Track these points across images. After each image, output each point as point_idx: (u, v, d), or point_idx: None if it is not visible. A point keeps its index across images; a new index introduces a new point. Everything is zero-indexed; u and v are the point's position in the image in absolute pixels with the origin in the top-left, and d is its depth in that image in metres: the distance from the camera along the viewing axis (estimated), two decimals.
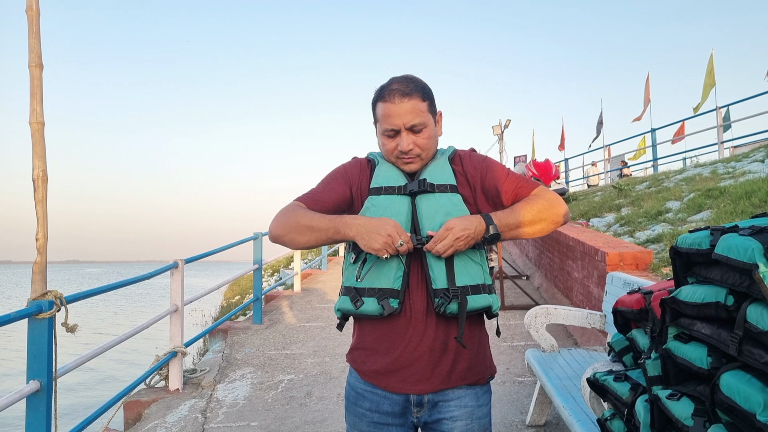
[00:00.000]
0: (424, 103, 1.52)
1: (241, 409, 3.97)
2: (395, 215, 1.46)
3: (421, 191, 1.49)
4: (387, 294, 1.43)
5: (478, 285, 1.45)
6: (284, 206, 1.59)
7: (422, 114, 1.51)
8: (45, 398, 2.53)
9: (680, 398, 1.27)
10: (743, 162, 9.45)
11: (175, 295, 4.51)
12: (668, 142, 15.71)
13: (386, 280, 1.44)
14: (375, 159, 1.62)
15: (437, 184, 1.51)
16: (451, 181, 1.53)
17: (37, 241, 2.69)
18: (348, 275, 1.52)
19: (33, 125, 2.73)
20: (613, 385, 1.68)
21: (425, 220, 1.46)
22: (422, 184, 1.49)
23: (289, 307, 7.69)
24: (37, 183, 2.71)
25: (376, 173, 1.57)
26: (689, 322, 1.29)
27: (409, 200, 1.50)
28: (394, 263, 1.44)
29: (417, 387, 1.46)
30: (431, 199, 1.49)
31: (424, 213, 1.47)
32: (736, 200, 6.19)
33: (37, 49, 2.77)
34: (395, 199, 1.50)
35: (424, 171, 1.54)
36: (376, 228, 1.38)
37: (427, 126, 1.52)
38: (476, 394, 1.50)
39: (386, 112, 1.50)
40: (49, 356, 2.57)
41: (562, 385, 2.82)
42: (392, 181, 1.53)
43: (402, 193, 1.51)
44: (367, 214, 1.48)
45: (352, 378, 1.58)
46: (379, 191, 1.53)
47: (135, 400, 4.17)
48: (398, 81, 1.52)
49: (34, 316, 2.53)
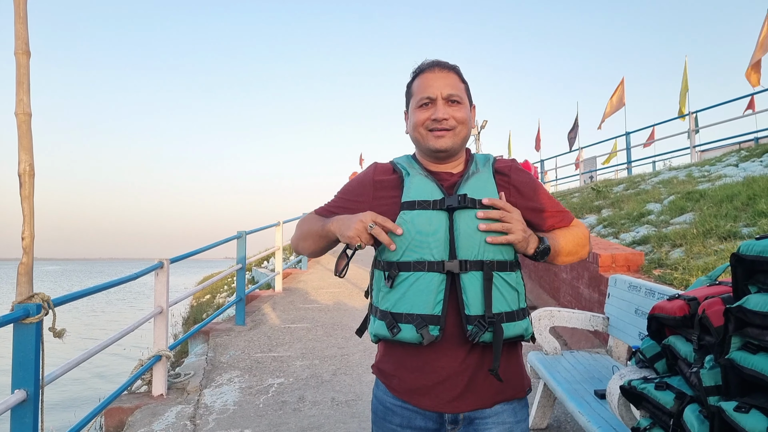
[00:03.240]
0: (462, 84, 1.48)
1: (231, 415, 3.82)
2: (431, 233, 1.35)
3: (460, 207, 1.37)
4: (426, 321, 1.32)
5: (513, 312, 1.36)
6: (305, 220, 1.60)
7: (460, 89, 1.46)
8: (32, 408, 2.36)
9: (749, 411, 1.21)
10: (717, 166, 9.64)
11: (160, 297, 4.33)
12: (640, 146, 15.98)
13: (425, 304, 1.33)
14: (403, 169, 1.49)
15: (479, 199, 1.38)
16: (493, 195, 1.41)
17: (23, 240, 2.51)
18: (382, 296, 1.41)
19: (19, 116, 2.55)
20: (655, 394, 1.62)
21: (463, 239, 1.35)
22: (462, 200, 1.36)
23: (271, 307, 7.53)
24: (24, 178, 2.54)
25: (407, 185, 1.44)
26: (759, 332, 1.24)
27: (446, 216, 1.37)
28: (434, 285, 1.33)
29: (451, 405, 1.37)
30: (471, 215, 1.37)
31: (462, 231, 1.36)
32: (718, 203, 6.28)
33: (24, 36, 2.59)
34: (431, 215, 1.37)
35: (465, 184, 1.42)
36: (353, 217, 1.37)
37: (464, 104, 1.46)
38: (514, 409, 1.42)
39: (423, 83, 1.46)
40: (37, 363, 2.40)
41: (573, 389, 2.77)
42: (426, 194, 1.40)
43: (438, 208, 1.38)
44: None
45: (380, 392, 1.48)
46: (412, 206, 1.39)
47: (116, 407, 3.98)
48: (437, 60, 1.50)
49: (20, 321, 2.36)
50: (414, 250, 1.35)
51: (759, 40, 12.00)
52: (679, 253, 5.02)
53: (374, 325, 1.42)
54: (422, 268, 1.34)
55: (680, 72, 14.08)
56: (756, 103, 14.36)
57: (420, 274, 1.34)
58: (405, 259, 1.36)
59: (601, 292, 4.80)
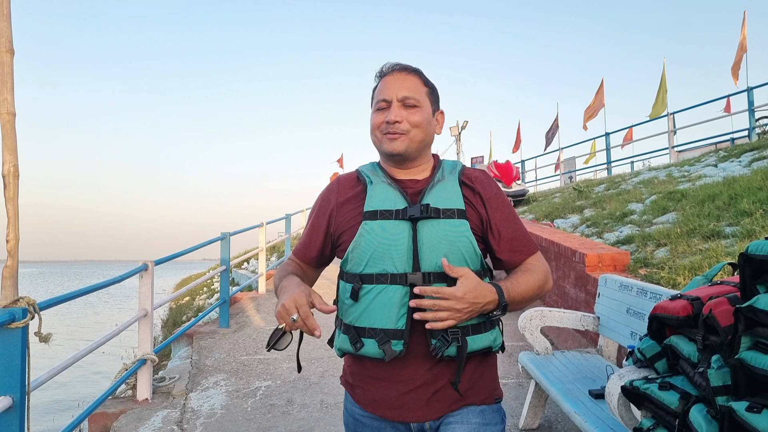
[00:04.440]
0: (423, 87, 1.43)
1: (219, 419, 3.76)
2: (393, 244, 1.31)
3: (424, 217, 1.32)
4: (389, 335, 1.28)
5: (480, 323, 1.31)
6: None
7: (418, 92, 1.41)
8: (18, 416, 2.29)
9: (761, 411, 1.21)
10: (697, 166, 9.80)
11: (145, 299, 4.25)
12: (618, 146, 16.21)
13: (388, 318, 1.29)
14: (367, 177, 1.45)
15: (443, 208, 1.34)
16: (458, 205, 1.36)
17: (8, 242, 2.43)
18: (345, 309, 1.37)
19: (3, 116, 2.47)
20: (658, 394, 1.62)
21: (426, 250, 1.30)
22: (425, 209, 1.31)
23: (255, 309, 7.46)
24: (8, 179, 2.46)
25: (370, 194, 1.40)
26: None
27: (409, 226, 1.32)
28: (396, 298, 1.28)
29: (416, 414, 1.34)
30: (434, 225, 1.32)
31: (426, 241, 1.31)
32: (700, 203, 6.37)
33: (8, 33, 2.51)
34: (393, 225, 1.33)
35: (429, 193, 1.37)
36: (284, 294, 1.28)
37: (422, 108, 1.40)
38: (482, 411, 1.37)
39: (382, 86, 1.42)
40: (23, 369, 2.32)
41: (567, 390, 2.78)
42: (389, 203, 1.36)
43: (401, 218, 1.33)
44: (361, 242, 1.34)
45: (349, 403, 1.46)
46: (374, 215, 1.35)
47: (101, 411, 3.89)
48: (398, 62, 1.46)
49: (5, 326, 2.28)
50: (376, 262, 1.32)
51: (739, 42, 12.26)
52: (664, 252, 5.08)
53: (338, 339, 1.39)
54: (385, 280, 1.30)
55: (658, 74, 14.30)
56: (732, 105, 14.67)
57: (382, 287, 1.30)
58: (368, 272, 1.32)
59: (588, 292, 4.83)
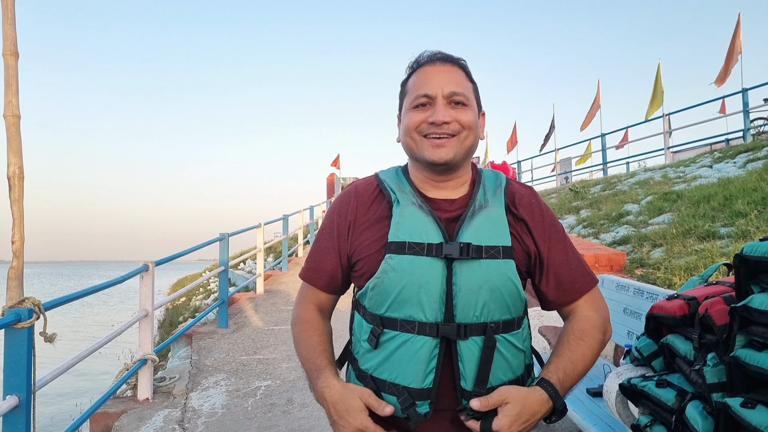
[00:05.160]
0: (469, 83, 1.21)
1: (220, 418, 3.79)
2: (424, 286, 1.10)
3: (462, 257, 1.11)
4: (414, 396, 1.09)
5: (517, 377, 1.15)
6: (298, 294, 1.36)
7: (466, 89, 1.19)
8: (24, 414, 2.32)
9: (756, 406, 1.25)
10: (692, 167, 9.87)
11: (145, 300, 4.27)
12: (612, 147, 16.29)
13: (414, 375, 1.10)
14: (392, 193, 1.20)
15: (485, 245, 1.11)
16: (505, 242, 1.13)
17: (13, 243, 2.47)
18: (362, 352, 1.18)
19: (8, 118, 2.51)
20: (656, 391, 1.66)
21: (463, 297, 1.10)
22: (465, 249, 1.10)
23: (253, 309, 7.48)
24: (13, 181, 2.49)
25: (397, 219, 1.15)
26: (764, 330, 1.28)
27: (443, 265, 1.11)
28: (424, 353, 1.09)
29: None
30: (475, 268, 1.11)
31: (463, 287, 1.10)
32: (695, 204, 6.43)
33: (13, 37, 2.55)
34: (424, 262, 1.11)
35: (469, 224, 1.14)
36: (341, 417, 1.10)
37: (471, 107, 1.18)
38: None
39: (421, 79, 1.18)
40: (29, 368, 2.36)
41: None
42: (420, 234, 1.13)
43: (434, 255, 1.11)
44: (385, 280, 1.12)
45: None
46: (401, 248, 1.12)
47: (102, 411, 3.90)
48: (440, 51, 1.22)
49: (12, 326, 2.31)
50: (402, 305, 1.11)
51: (731, 46, 12.34)
52: (660, 252, 5.14)
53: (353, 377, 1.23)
54: (411, 329, 1.10)
55: (654, 74, 14.39)
56: (727, 106, 14.76)
57: (408, 336, 1.10)
58: (390, 315, 1.13)
59: None
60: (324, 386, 1.13)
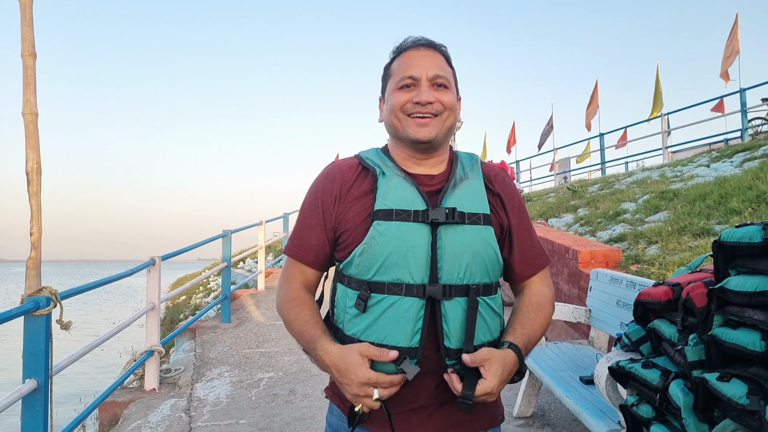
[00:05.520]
0: (450, 68, 1.30)
1: (225, 407, 3.90)
2: (411, 250, 1.16)
3: (446, 222, 1.18)
4: (403, 353, 1.14)
5: (495, 340, 1.22)
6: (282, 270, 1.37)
7: (447, 73, 1.27)
8: (42, 397, 2.43)
9: (730, 380, 1.36)
10: (689, 166, 9.97)
11: (152, 293, 4.39)
12: (612, 147, 16.40)
13: (402, 335, 1.15)
14: (376, 167, 1.27)
15: (468, 212, 1.20)
16: (484, 210, 1.23)
17: (31, 235, 2.57)
18: (348, 318, 1.21)
19: (27, 116, 2.61)
20: (642, 372, 1.77)
21: (448, 259, 1.17)
22: (451, 214, 1.18)
23: (255, 305, 7.59)
24: (31, 176, 2.60)
25: (383, 189, 1.22)
26: (738, 310, 1.39)
27: (428, 231, 1.18)
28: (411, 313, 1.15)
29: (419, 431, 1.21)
30: (458, 232, 1.18)
31: (448, 250, 1.17)
32: (691, 202, 6.54)
33: (30, 38, 2.65)
34: (411, 227, 1.17)
35: (452, 193, 1.22)
36: (344, 377, 1.12)
37: (452, 90, 1.27)
38: None
39: (405, 62, 1.26)
40: (47, 354, 2.47)
41: (559, 377, 2.93)
42: (406, 202, 1.19)
43: (420, 221, 1.18)
44: (373, 245, 1.17)
45: (335, 418, 1.30)
46: (389, 215, 1.18)
47: (110, 401, 4.02)
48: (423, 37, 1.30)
49: (31, 313, 2.42)
50: (389, 269, 1.16)
51: (729, 45, 12.45)
52: (655, 249, 5.24)
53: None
54: (399, 291, 1.15)
55: (652, 74, 14.50)
56: (725, 106, 14.86)
57: (396, 299, 1.15)
58: (378, 279, 1.17)
59: (581, 287, 4.99)
60: (323, 353, 1.17)
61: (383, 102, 1.32)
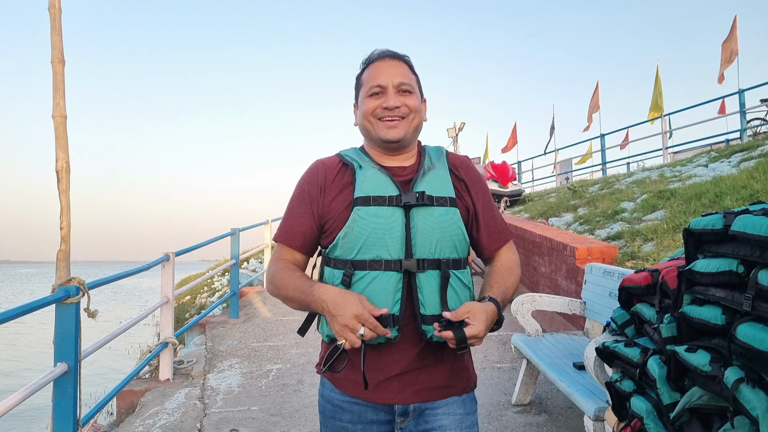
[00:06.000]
0: (413, 75, 1.47)
1: (237, 395, 4.10)
2: (388, 230, 1.33)
3: (417, 204, 1.35)
4: (384, 321, 1.28)
5: None
6: (271, 256, 1.49)
7: (411, 79, 1.44)
8: (72, 379, 2.61)
9: (696, 351, 1.54)
10: (688, 166, 10.13)
11: (166, 287, 4.58)
12: (616, 147, 16.57)
13: (383, 304, 1.30)
14: (354, 161, 1.45)
15: (436, 196, 1.38)
16: (450, 194, 1.41)
17: (61, 229, 2.76)
18: None
19: (56, 119, 2.80)
20: (624, 350, 1.96)
21: (420, 237, 1.34)
22: (421, 197, 1.35)
23: (262, 302, 7.78)
24: (61, 174, 2.79)
25: (361, 179, 1.39)
26: (704, 289, 1.57)
27: (402, 213, 1.35)
28: (391, 285, 1.31)
29: (401, 397, 1.36)
30: (428, 213, 1.36)
31: (420, 228, 1.34)
32: (687, 201, 6.71)
33: (60, 46, 2.84)
34: (386, 211, 1.34)
35: (422, 180, 1.40)
36: (339, 308, 1.25)
37: (415, 94, 1.44)
38: (464, 401, 1.43)
39: (373, 73, 1.43)
40: (76, 339, 2.65)
41: (554, 363, 3.11)
42: (381, 189, 1.37)
43: (394, 204, 1.35)
44: (354, 228, 1.34)
45: (327, 390, 1.44)
46: (367, 201, 1.35)
47: (127, 389, 4.22)
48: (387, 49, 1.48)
49: (62, 301, 2.61)
50: (370, 248, 1.33)
51: (728, 47, 12.61)
52: (651, 246, 5.42)
53: (327, 326, 1.36)
54: (379, 266, 1.32)
55: (653, 75, 14.66)
56: (726, 106, 15.00)
57: (377, 273, 1.31)
58: (360, 258, 1.33)
59: (578, 283, 5.16)
60: (321, 290, 1.30)
61: (357, 108, 1.50)
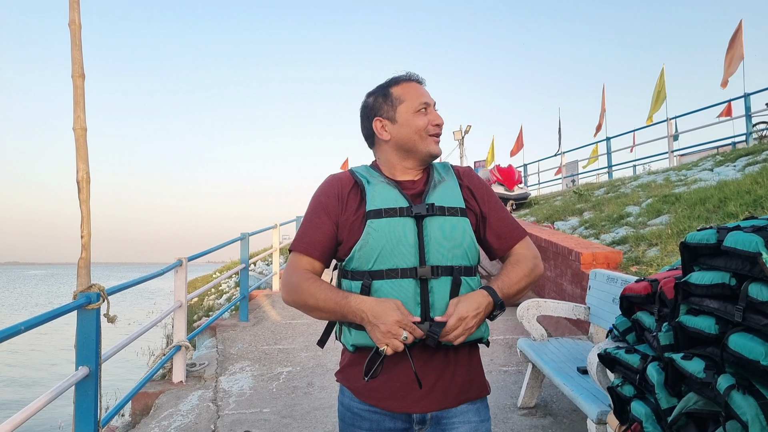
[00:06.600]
0: None
1: (249, 397, 4.20)
2: (402, 240, 1.38)
3: (428, 214, 1.41)
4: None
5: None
6: (287, 266, 1.51)
7: None
8: (94, 383, 2.72)
9: (692, 358, 1.63)
10: (693, 170, 10.16)
11: (179, 292, 4.70)
12: (623, 150, 16.58)
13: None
14: (363, 178, 1.50)
15: (447, 206, 1.44)
16: (460, 204, 1.47)
17: (82, 238, 2.87)
18: None
19: (77, 131, 2.91)
20: (625, 357, 2.04)
21: (433, 245, 1.40)
22: (431, 208, 1.41)
23: (271, 305, 7.89)
24: (82, 184, 2.89)
25: (371, 193, 1.45)
26: (699, 300, 1.65)
27: (414, 223, 1.41)
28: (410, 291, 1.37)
29: (419, 405, 1.40)
30: (440, 222, 1.42)
31: (432, 237, 1.40)
32: (692, 206, 6.76)
33: (80, 60, 2.95)
34: (398, 222, 1.40)
35: (432, 193, 1.46)
36: (379, 317, 1.30)
37: None
38: (478, 409, 1.47)
39: (415, 90, 1.51)
40: (97, 343, 2.75)
41: (558, 367, 3.19)
42: (391, 201, 1.43)
43: (405, 215, 1.41)
44: (369, 240, 1.39)
45: (346, 398, 1.48)
46: (379, 214, 1.41)
47: (142, 392, 4.33)
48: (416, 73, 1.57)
49: (83, 307, 2.71)
50: (386, 258, 1.37)
51: (731, 51, 12.64)
52: (655, 251, 5.49)
53: (352, 336, 1.42)
54: (395, 275, 1.37)
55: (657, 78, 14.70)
56: (733, 110, 15.00)
57: (395, 282, 1.36)
58: (377, 268, 1.38)
59: (583, 287, 5.24)
60: (359, 301, 1.34)
61: (385, 121, 1.51)
